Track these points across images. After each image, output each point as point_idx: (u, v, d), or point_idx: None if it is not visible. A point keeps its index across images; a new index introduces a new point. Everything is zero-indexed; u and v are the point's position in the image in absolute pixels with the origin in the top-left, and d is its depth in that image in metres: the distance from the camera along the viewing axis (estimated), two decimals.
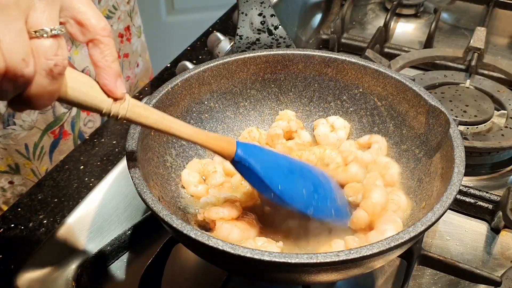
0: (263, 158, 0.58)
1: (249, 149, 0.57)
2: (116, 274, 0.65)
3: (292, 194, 0.58)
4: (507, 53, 1.09)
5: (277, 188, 0.57)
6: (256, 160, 0.56)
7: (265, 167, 0.57)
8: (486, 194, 0.73)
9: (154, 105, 0.64)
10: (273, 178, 0.57)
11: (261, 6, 0.82)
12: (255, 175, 0.56)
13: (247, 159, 0.56)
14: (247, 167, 0.56)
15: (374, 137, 0.71)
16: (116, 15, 1.00)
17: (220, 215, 0.60)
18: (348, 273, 0.53)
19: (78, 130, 0.96)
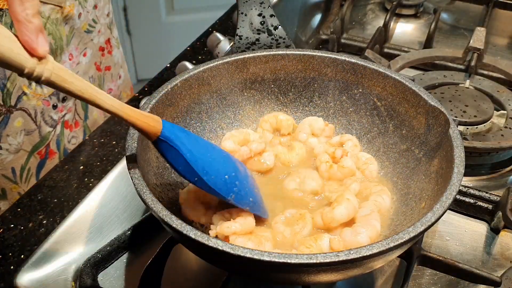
0: (187, 140, 0.56)
1: (175, 130, 0.55)
2: (116, 274, 0.65)
3: (215, 179, 0.57)
4: (506, 53, 1.09)
5: (201, 171, 0.56)
6: (181, 141, 0.55)
7: (189, 149, 0.55)
8: (485, 194, 0.73)
9: (154, 105, 0.64)
10: (197, 161, 0.56)
11: (261, 6, 0.82)
12: (181, 156, 0.55)
13: (172, 139, 0.54)
14: (172, 147, 0.54)
15: (345, 136, 0.72)
16: (96, 29, 0.99)
17: (232, 230, 0.58)
18: (348, 273, 0.53)
19: (63, 148, 0.94)
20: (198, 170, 0.56)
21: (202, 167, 0.56)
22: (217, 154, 0.60)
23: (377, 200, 0.63)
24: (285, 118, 0.75)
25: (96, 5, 0.96)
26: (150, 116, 0.54)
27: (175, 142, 0.54)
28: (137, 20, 2.67)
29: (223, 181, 0.58)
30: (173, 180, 0.67)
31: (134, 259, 0.67)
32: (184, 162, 0.55)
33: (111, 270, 0.65)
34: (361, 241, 0.58)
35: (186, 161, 0.55)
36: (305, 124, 0.74)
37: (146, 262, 0.61)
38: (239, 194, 0.59)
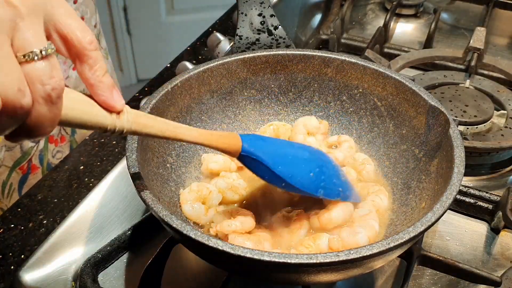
0: (268, 148, 0.57)
1: (254, 141, 0.56)
2: (116, 274, 0.65)
3: (302, 180, 0.58)
4: (506, 53, 1.09)
5: (287, 176, 0.57)
6: (262, 152, 0.56)
7: (271, 157, 0.56)
8: (486, 194, 0.73)
9: (154, 105, 0.64)
10: (282, 167, 0.57)
11: (261, 6, 0.82)
12: (264, 166, 0.56)
13: (254, 152, 0.55)
14: (255, 160, 0.56)
15: (342, 137, 0.73)
16: None
17: (232, 228, 0.59)
18: (348, 273, 0.53)
19: (47, 162, 0.92)
20: (284, 176, 0.57)
21: (287, 172, 0.57)
22: (299, 153, 0.61)
23: (374, 200, 0.63)
24: (282, 124, 0.76)
25: (82, 17, 0.94)
26: (228, 136, 0.56)
27: (256, 155, 0.55)
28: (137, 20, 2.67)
29: (309, 179, 0.58)
30: (173, 180, 0.67)
31: (134, 259, 0.67)
32: (269, 172, 0.56)
33: (111, 270, 0.65)
34: (360, 241, 0.58)
35: (271, 171, 0.56)
36: (299, 125, 0.74)
37: (146, 262, 0.61)
38: (327, 187, 0.60)
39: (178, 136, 0.53)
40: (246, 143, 0.55)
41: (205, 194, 0.65)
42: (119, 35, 2.68)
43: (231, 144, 0.55)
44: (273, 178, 0.57)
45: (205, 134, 0.55)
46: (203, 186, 0.65)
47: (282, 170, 0.56)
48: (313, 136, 0.74)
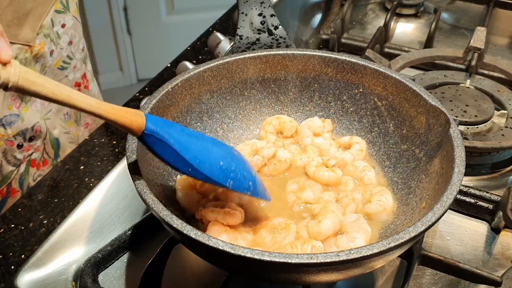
0: (175, 131, 0.54)
1: (160, 121, 0.53)
2: (117, 274, 0.65)
3: (210, 167, 0.55)
4: (507, 53, 1.09)
5: (195, 161, 0.54)
6: (168, 133, 0.53)
7: (178, 140, 0.53)
8: (486, 194, 0.73)
9: (154, 105, 0.64)
10: (188, 150, 0.54)
11: (261, 6, 0.82)
12: (170, 148, 0.53)
13: (158, 132, 0.52)
14: (160, 140, 0.52)
15: (354, 138, 0.72)
16: (72, 65, 0.95)
17: (215, 217, 0.59)
18: (348, 273, 0.53)
19: (27, 186, 0.91)
20: (191, 159, 0.54)
21: (194, 156, 0.54)
22: (208, 142, 0.58)
23: (380, 200, 0.63)
24: (288, 120, 0.75)
25: (71, 41, 0.93)
26: (131, 111, 0.52)
27: (161, 134, 0.52)
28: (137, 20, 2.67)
29: (218, 168, 0.56)
30: (174, 180, 0.67)
31: (135, 259, 0.67)
32: (174, 154, 0.53)
33: (112, 270, 0.65)
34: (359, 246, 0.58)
35: (176, 152, 0.53)
36: (304, 128, 0.74)
37: (147, 262, 0.61)
38: (237, 179, 0.57)
39: (72, 102, 0.48)
40: (151, 122, 0.52)
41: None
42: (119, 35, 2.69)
43: (133, 121, 0.51)
44: (179, 162, 0.54)
45: (105, 106, 0.50)
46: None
47: (188, 153, 0.53)
48: (320, 136, 0.74)
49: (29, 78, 0.45)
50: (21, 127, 0.86)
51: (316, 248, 0.58)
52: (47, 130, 0.92)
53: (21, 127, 0.86)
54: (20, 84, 0.45)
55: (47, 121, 0.92)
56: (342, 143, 0.73)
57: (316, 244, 0.58)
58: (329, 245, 0.59)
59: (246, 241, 0.59)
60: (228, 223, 0.60)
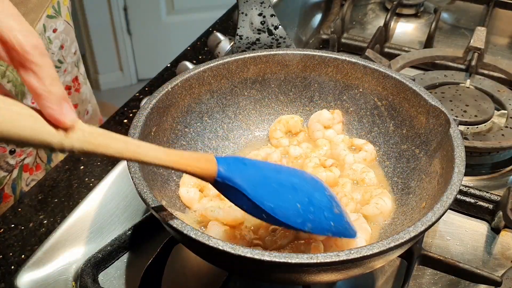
0: (248, 173, 0.51)
1: (232, 165, 0.50)
2: (117, 274, 0.65)
3: (286, 212, 0.51)
4: (507, 53, 1.09)
5: (269, 207, 0.50)
6: (241, 178, 0.49)
7: (252, 184, 0.50)
8: (486, 194, 0.73)
9: (154, 105, 0.64)
10: (263, 196, 0.50)
11: (261, 6, 0.82)
12: (242, 195, 0.49)
13: (230, 178, 0.49)
14: (232, 187, 0.49)
15: (368, 145, 0.72)
16: (62, 69, 0.94)
17: (215, 215, 0.60)
18: (348, 273, 0.53)
19: (20, 191, 0.89)
20: (266, 208, 0.50)
21: (269, 203, 0.50)
22: (286, 180, 0.54)
23: (378, 203, 0.63)
24: (290, 117, 0.75)
25: (62, 45, 0.92)
26: (202, 159, 0.49)
27: (234, 181, 0.49)
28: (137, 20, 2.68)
29: (295, 212, 0.51)
30: (173, 180, 0.67)
31: (135, 259, 0.67)
32: (248, 202, 0.50)
33: (112, 270, 0.65)
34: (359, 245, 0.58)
35: (250, 200, 0.50)
36: (313, 122, 0.75)
37: (147, 262, 0.61)
38: (317, 221, 0.53)
39: (140, 158, 0.46)
40: (223, 167, 0.49)
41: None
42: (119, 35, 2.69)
43: (203, 169, 0.49)
44: (253, 208, 0.50)
45: (174, 157, 0.48)
46: None
47: (263, 200, 0.50)
48: (331, 128, 0.74)
49: (92, 141, 0.43)
50: None
51: (317, 249, 0.58)
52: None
53: None
54: (85, 149, 0.42)
55: None
56: (355, 144, 0.72)
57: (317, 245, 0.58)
58: (329, 245, 0.59)
59: (245, 241, 0.59)
60: (228, 222, 0.60)
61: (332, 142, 0.73)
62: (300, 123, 0.75)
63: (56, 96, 0.40)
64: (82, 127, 0.42)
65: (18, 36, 0.38)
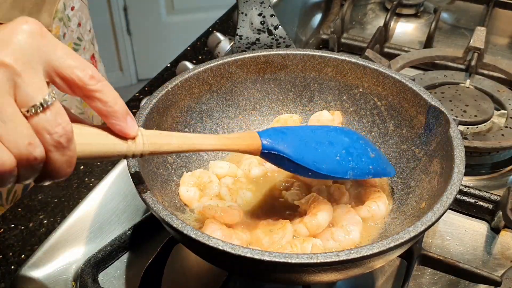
0: (288, 140, 0.57)
1: (273, 136, 0.56)
2: (117, 274, 0.65)
3: (328, 166, 0.57)
4: (507, 53, 1.09)
5: (312, 165, 0.56)
6: (283, 145, 0.56)
7: (293, 149, 0.56)
8: (486, 194, 0.73)
9: (154, 105, 0.64)
10: (305, 156, 0.56)
11: (261, 6, 0.82)
12: (287, 160, 0.56)
13: (274, 148, 0.55)
14: (277, 155, 0.56)
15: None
16: (81, 46, 0.99)
17: (213, 213, 0.60)
18: (348, 273, 0.53)
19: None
20: (310, 165, 0.56)
21: (312, 161, 0.56)
22: (322, 138, 0.60)
23: (371, 206, 0.63)
24: (288, 116, 0.75)
25: (79, 22, 0.96)
26: (247, 137, 0.56)
27: (278, 150, 0.55)
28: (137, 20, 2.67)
29: (336, 163, 0.58)
30: (174, 180, 0.67)
31: (135, 259, 0.67)
32: (293, 164, 0.56)
33: (112, 270, 0.65)
34: (355, 238, 0.59)
35: (295, 163, 0.56)
36: (313, 122, 0.75)
37: (147, 262, 0.61)
38: (357, 168, 0.59)
39: (196, 148, 0.53)
40: (265, 139, 0.55)
41: (205, 181, 0.66)
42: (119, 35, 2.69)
43: (249, 145, 0.55)
44: (298, 169, 0.57)
45: (223, 140, 0.55)
46: (206, 174, 0.66)
47: (305, 160, 0.56)
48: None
49: (154, 142, 0.49)
50: None
51: (317, 247, 0.58)
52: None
53: None
54: (151, 150, 0.49)
55: (64, 102, 0.94)
56: None
57: (316, 243, 0.58)
58: (326, 238, 0.59)
59: (241, 240, 0.59)
60: (225, 221, 0.60)
61: None
62: (299, 123, 0.76)
63: (120, 113, 0.46)
64: (143, 133, 0.49)
65: (77, 73, 0.42)
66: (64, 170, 0.43)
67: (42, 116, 0.40)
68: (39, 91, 0.40)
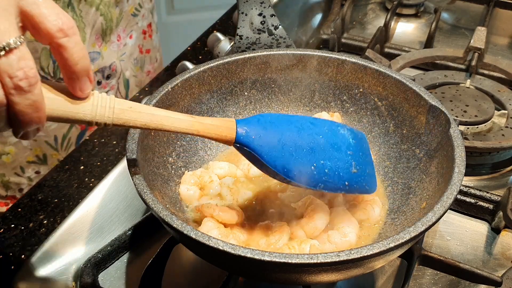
0: (267, 138, 0.54)
1: (251, 131, 0.54)
2: (117, 274, 0.65)
3: (299, 175, 0.55)
4: (507, 53, 1.09)
5: (282, 170, 0.54)
6: (258, 142, 0.54)
7: (267, 149, 0.54)
8: (486, 194, 0.73)
9: (154, 105, 0.64)
10: (277, 160, 0.54)
11: (261, 6, 0.82)
12: (258, 158, 0.54)
13: (247, 143, 0.53)
14: (248, 150, 0.54)
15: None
16: (141, 13, 1.05)
17: (211, 212, 0.60)
18: (349, 273, 0.53)
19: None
20: (278, 170, 0.54)
21: (282, 166, 0.54)
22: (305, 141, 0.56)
23: (366, 208, 0.63)
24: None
25: None
26: (222, 126, 0.53)
27: (250, 146, 0.53)
28: None
29: (309, 173, 0.55)
30: (174, 180, 0.67)
31: (135, 259, 0.67)
32: (262, 164, 0.54)
33: (112, 270, 0.65)
34: (351, 240, 0.59)
35: (264, 163, 0.54)
36: None
37: (147, 262, 0.61)
38: (330, 182, 0.56)
39: (164, 128, 0.52)
40: (242, 129, 0.53)
41: (205, 180, 0.66)
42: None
43: (222, 135, 0.53)
44: (266, 169, 0.55)
45: (195, 125, 0.53)
46: (207, 173, 0.66)
47: (276, 163, 0.54)
48: None
49: (121, 117, 0.49)
50: (101, 64, 0.96)
51: (315, 248, 0.58)
52: (121, 70, 1.03)
53: (101, 65, 0.97)
54: (115, 123, 0.49)
55: (122, 62, 1.01)
56: None
57: (314, 243, 0.58)
58: (323, 241, 0.59)
59: (238, 241, 0.59)
60: (223, 220, 0.60)
61: None
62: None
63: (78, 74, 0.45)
64: (111, 104, 0.48)
65: (45, 22, 0.42)
66: (29, 115, 0.43)
67: (3, 59, 0.40)
68: (5, 33, 0.40)
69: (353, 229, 0.60)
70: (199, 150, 0.72)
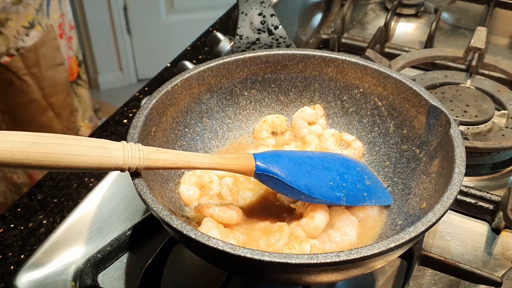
0: (283, 163, 0.58)
1: (268, 159, 0.58)
2: (116, 274, 0.65)
3: (320, 190, 0.59)
4: (507, 53, 1.09)
5: (305, 188, 0.58)
6: (277, 167, 0.57)
7: (287, 172, 0.58)
8: (486, 194, 0.73)
9: (154, 105, 0.64)
10: (298, 180, 0.58)
11: (261, 6, 0.82)
12: (280, 181, 0.57)
13: (267, 169, 0.57)
14: (270, 176, 0.57)
15: (356, 142, 0.72)
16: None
17: (210, 212, 0.60)
18: (349, 274, 0.53)
19: None
20: (302, 189, 0.58)
21: (305, 184, 0.58)
22: (317, 163, 0.61)
23: (364, 207, 0.63)
24: (275, 117, 0.75)
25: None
26: (242, 158, 0.57)
27: (271, 172, 0.57)
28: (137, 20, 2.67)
29: (329, 188, 0.59)
30: (173, 180, 0.67)
31: (134, 259, 0.67)
32: (286, 186, 0.58)
33: (111, 270, 0.65)
34: (352, 239, 0.59)
35: (288, 185, 0.57)
36: (297, 120, 0.75)
37: (146, 262, 0.61)
38: (350, 194, 0.61)
39: (191, 165, 0.55)
40: (260, 161, 0.57)
41: (205, 180, 0.66)
42: (119, 35, 2.68)
43: (243, 166, 0.57)
44: (291, 191, 0.58)
45: (217, 159, 0.57)
46: (207, 173, 0.66)
47: (298, 183, 0.58)
48: (315, 124, 0.74)
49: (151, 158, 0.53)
50: None
51: (316, 247, 0.58)
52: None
53: None
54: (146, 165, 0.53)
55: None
56: (344, 139, 0.73)
57: (314, 243, 0.58)
58: (323, 241, 0.59)
59: (237, 241, 0.59)
60: (223, 220, 0.60)
61: (322, 136, 0.73)
62: (285, 123, 0.75)
63: None
64: (141, 148, 0.52)
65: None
66: None
67: None
68: None
69: (353, 227, 0.60)
70: (199, 150, 0.71)
